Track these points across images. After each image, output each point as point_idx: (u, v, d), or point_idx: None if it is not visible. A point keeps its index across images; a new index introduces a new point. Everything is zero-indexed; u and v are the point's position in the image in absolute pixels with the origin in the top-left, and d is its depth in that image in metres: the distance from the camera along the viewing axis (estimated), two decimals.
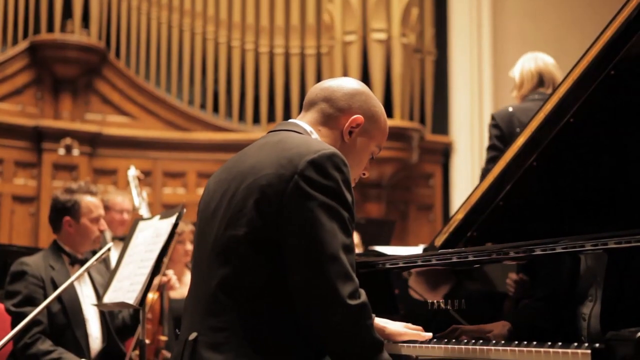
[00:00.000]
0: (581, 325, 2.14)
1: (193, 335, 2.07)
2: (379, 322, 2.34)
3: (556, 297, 2.26)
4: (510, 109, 4.31)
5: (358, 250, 5.59)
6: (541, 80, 4.35)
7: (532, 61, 4.41)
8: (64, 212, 4.10)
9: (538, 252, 2.31)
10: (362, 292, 2.01)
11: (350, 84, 2.32)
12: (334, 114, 2.26)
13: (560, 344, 2.02)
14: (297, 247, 2.00)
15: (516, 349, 2.09)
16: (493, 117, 4.35)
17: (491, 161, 4.26)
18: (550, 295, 2.29)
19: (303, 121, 2.27)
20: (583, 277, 2.19)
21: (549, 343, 2.05)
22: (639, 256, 2.07)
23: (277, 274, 2.04)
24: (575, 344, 1.99)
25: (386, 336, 2.31)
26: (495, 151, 4.25)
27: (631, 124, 2.64)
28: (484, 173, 4.27)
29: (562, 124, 2.68)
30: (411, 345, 2.36)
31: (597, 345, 1.91)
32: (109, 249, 3.70)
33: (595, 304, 2.12)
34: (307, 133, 2.23)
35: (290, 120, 2.30)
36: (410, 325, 2.41)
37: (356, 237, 6.07)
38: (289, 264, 2.02)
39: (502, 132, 4.23)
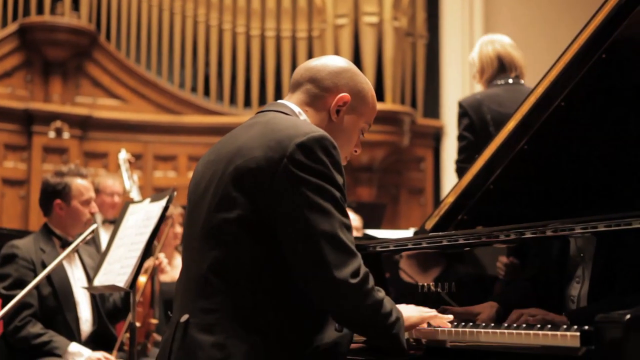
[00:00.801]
0: (570, 307, 2.15)
1: (184, 317, 2.08)
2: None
3: (546, 280, 2.27)
4: (478, 97, 4.23)
5: (357, 234, 5.60)
6: (502, 64, 4.29)
7: (490, 45, 4.34)
8: (54, 195, 4.09)
9: (528, 235, 2.31)
10: (362, 264, 2.02)
11: (335, 62, 2.30)
12: (319, 94, 2.24)
13: (549, 326, 2.03)
14: (292, 231, 2.00)
15: (505, 331, 2.10)
16: (461, 106, 4.26)
17: (462, 152, 4.22)
18: (540, 278, 2.30)
19: (291, 102, 2.26)
20: (572, 260, 2.20)
21: (538, 325, 2.06)
22: (628, 239, 2.08)
23: (268, 256, 2.04)
24: (564, 326, 2.00)
25: (407, 327, 2.23)
26: (465, 141, 4.20)
27: (622, 108, 2.65)
28: (459, 168, 4.23)
29: (553, 107, 2.68)
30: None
31: (585, 327, 1.92)
32: (92, 231, 3.69)
33: (585, 286, 2.13)
34: (296, 114, 2.22)
35: (278, 101, 2.28)
36: (422, 308, 2.34)
37: (357, 220, 6.08)
38: (287, 249, 2.02)
39: (471, 120, 4.16)
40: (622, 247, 2.10)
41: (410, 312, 2.25)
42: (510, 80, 4.23)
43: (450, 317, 2.32)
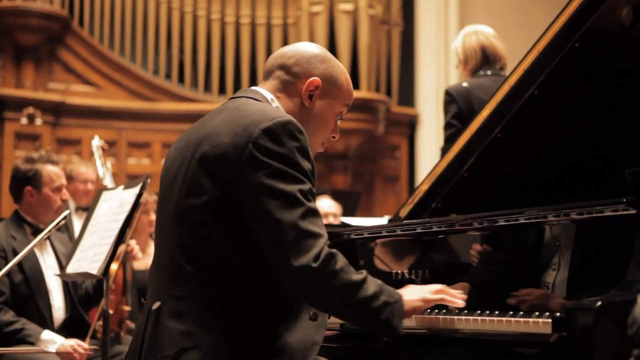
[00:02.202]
0: (542, 294, 2.16)
1: (156, 305, 2.07)
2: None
3: (519, 268, 2.29)
4: (466, 85, 4.23)
5: (335, 221, 5.60)
6: (485, 55, 4.31)
7: (473, 36, 4.36)
8: (25, 181, 4.05)
9: (501, 222, 2.33)
10: (324, 246, 1.97)
11: (306, 48, 2.30)
12: (290, 80, 2.24)
13: (521, 312, 2.05)
14: (255, 217, 1.99)
15: (479, 318, 2.11)
16: (449, 93, 4.24)
17: (450, 140, 4.21)
18: (513, 265, 2.31)
19: (263, 89, 2.26)
20: (546, 247, 2.21)
21: (511, 312, 2.07)
22: (601, 227, 2.10)
23: (238, 243, 2.03)
24: (537, 313, 2.01)
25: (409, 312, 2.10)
26: (453, 129, 4.18)
27: (595, 96, 2.67)
28: (444, 153, 4.23)
29: (527, 96, 2.70)
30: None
31: (557, 314, 1.93)
32: (64, 217, 3.66)
33: (558, 274, 2.15)
34: (268, 101, 2.22)
35: (251, 88, 2.28)
36: (428, 287, 2.18)
37: (336, 208, 6.07)
38: (254, 235, 2.01)
39: (460, 109, 4.16)
40: (594, 234, 2.12)
41: (412, 295, 2.12)
42: (493, 72, 4.25)
43: (463, 296, 2.17)
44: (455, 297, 2.16)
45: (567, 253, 2.15)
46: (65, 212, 3.71)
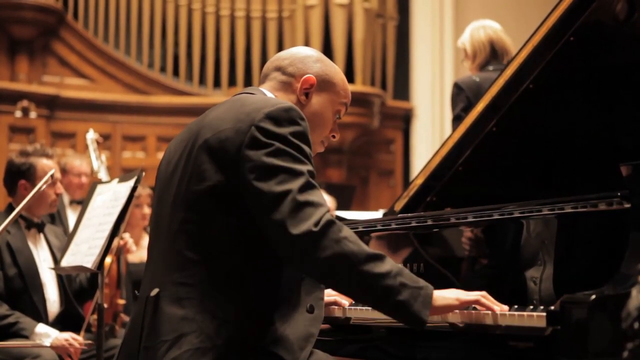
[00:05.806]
0: (537, 288, 2.17)
1: (155, 291, 2.07)
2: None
3: (513, 261, 2.29)
4: (476, 78, 4.21)
5: None
6: (494, 49, 4.30)
7: (481, 30, 4.35)
8: (19, 175, 4.04)
9: (496, 216, 2.33)
10: (325, 214, 1.97)
11: (301, 50, 2.36)
12: (286, 80, 2.29)
13: (516, 306, 2.05)
14: (255, 195, 1.99)
15: (472, 312, 2.11)
16: (459, 86, 4.21)
17: None
18: (507, 258, 2.32)
19: (262, 88, 2.30)
20: (540, 241, 2.21)
21: (506, 306, 2.07)
22: (593, 221, 2.10)
23: (240, 229, 2.04)
24: (531, 307, 2.02)
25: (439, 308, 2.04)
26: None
27: (589, 90, 2.67)
28: None
29: (522, 89, 2.70)
30: (358, 307, 2.38)
31: (552, 308, 1.93)
32: (39, 188, 3.64)
33: (552, 267, 2.15)
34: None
35: (251, 87, 2.33)
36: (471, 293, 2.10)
37: (331, 202, 6.08)
38: (254, 215, 2.01)
39: (470, 102, 4.14)
40: (589, 228, 2.12)
41: (446, 292, 2.06)
42: (502, 67, 4.23)
43: (505, 307, 2.06)
44: (493, 302, 2.06)
45: (562, 246, 2.15)
46: (40, 184, 3.66)
